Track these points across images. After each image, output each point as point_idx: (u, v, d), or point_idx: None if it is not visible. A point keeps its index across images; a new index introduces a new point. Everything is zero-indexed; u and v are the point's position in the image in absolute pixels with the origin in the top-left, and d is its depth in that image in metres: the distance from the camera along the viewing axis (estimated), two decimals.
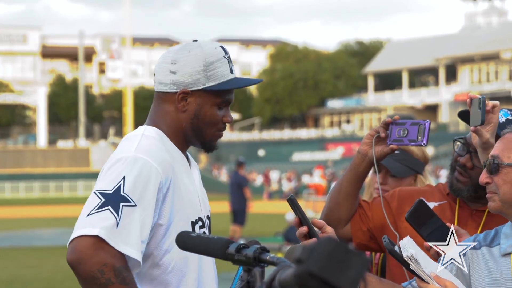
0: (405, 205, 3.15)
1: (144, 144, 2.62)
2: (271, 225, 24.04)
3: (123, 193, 2.50)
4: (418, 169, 3.72)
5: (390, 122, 2.96)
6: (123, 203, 2.49)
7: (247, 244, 1.94)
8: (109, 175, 2.55)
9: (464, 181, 3.03)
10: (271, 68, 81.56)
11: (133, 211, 2.49)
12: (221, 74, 2.68)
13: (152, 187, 2.54)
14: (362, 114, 76.61)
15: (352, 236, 3.19)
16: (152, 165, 2.55)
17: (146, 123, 2.74)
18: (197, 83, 2.67)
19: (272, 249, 15.58)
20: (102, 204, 2.48)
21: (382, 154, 3.00)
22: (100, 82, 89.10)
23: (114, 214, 2.46)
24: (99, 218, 2.45)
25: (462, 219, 3.09)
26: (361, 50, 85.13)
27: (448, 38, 74.62)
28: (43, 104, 74.45)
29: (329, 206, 3.16)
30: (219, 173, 57.76)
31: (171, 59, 2.69)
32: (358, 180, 3.08)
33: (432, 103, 72.23)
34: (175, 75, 2.68)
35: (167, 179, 2.58)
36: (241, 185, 18.71)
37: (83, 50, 79.89)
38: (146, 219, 2.52)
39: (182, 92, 2.68)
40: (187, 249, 2.08)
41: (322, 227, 2.61)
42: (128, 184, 2.51)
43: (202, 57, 2.67)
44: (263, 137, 73.85)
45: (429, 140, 2.88)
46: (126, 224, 2.47)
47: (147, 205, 2.52)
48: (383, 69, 77.32)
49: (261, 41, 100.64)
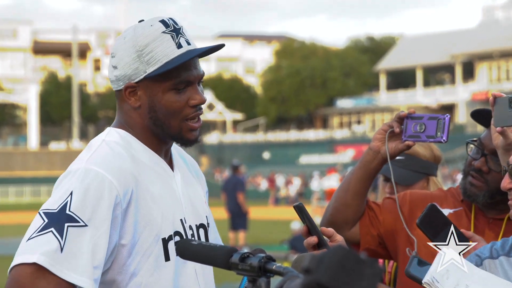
0: (417, 209, 3.10)
1: (100, 152, 2.41)
2: (277, 232, 24.02)
3: (69, 212, 2.27)
4: (429, 171, 3.66)
5: (405, 116, 2.87)
6: (69, 224, 2.26)
7: (251, 252, 1.93)
8: (57, 192, 2.34)
9: (479, 186, 2.99)
10: (277, 65, 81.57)
11: (82, 232, 2.27)
12: (162, 54, 2.43)
13: (106, 203, 2.31)
14: (373, 115, 76.56)
15: (361, 241, 3.13)
16: (106, 177, 2.33)
17: (112, 125, 2.55)
18: (138, 72, 2.44)
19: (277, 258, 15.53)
20: (44, 226, 2.26)
21: (397, 151, 2.91)
22: (95, 80, 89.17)
23: (57, 237, 2.24)
24: (40, 243, 2.24)
25: (479, 228, 3.05)
26: (372, 46, 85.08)
27: (465, 33, 74.56)
28: (34, 103, 74.49)
29: (335, 206, 3.08)
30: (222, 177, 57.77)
31: (112, 52, 2.51)
32: (369, 178, 3.01)
33: (448, 102, 72.17)
34: (117, 69, 2.48)
35: (126, 192, 2.35)
36: (235, 189, 18.74)
37: (77, 46, 79.93)
38: (99, 240, 2.29)
39: (126, 87, 2.47)
40: (188, 258, 2.07)
41: (331, 236, 2.53)
42: (76, 201, 2.29)
43: (133, 42, 2.45)
44: (268, 139, 73.82)
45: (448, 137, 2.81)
46: (72, 248, 2.25)
47: (101, 224, 2.30)
48: (395, 67, 77.27)
49: (266, 36, 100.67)
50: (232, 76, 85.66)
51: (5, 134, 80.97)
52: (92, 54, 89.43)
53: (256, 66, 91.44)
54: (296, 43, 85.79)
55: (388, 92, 77.42)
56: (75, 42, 79.47)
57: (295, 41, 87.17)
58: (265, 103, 79.26)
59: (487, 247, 2.55)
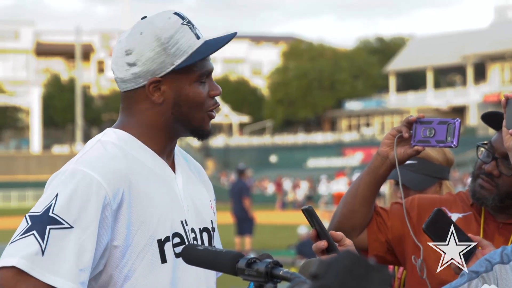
0: (425, 214, 3.10)
1: (92, 153, 2.40)
2: (284, 237, 24.02)
3: (52, 214, 2.27)
4: (442, 175, 3.65)
5: (414, 121, 2.87)
6: (51, 226, 2.26)
7: (258, 258, 1.93)
8: (44, 194, 2.35)
9: (490, 189, 2.99)
10: (284, 66, 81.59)
11: (67, 235, 2.27)
12: (187, 45, 2.44)
13: (93, 204, 2.30)
14: (383, 117, 76.50)
15: (369, 247, 3.14)
16: (93, 178, 2.32)
17: (113, 126, 2.52)
18: (164, 66, 2.42)
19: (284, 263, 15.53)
20: (27, 229, 2.27)
21: (406, 156, 2.91)
22: (99, 82, 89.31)
23: (38, 240, 2.24)
24: (21, 245, 2.25)
25: (488, 233, 3.05)
26: (381, 47, 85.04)
27: (476, 33, 74.47)
28: (37, 106, 74.64)
29: (342, 212, 3.08)
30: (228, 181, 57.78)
31: (124, 49, 2.45)
32: (377, 184, 3.02)
33: (459, 104, 72.08)
34: (136, 66, 2.43)
35: (116, 193, 2.34)
36: (241, 193, 18.81)
37: (80, 48, 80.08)
38: (86, 242, 2.28)
39: (151, 82, 2.44)
40: (193, 263, 2.07)
41: (340, 240, 2.52)
42: (61, 202, 2.29)
43: (156, 36, 2.42)
44: (275, 142, 73.81)
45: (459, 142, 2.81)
46: (55, 250, 2.25)
47: (87, 225, 2.29)
48: (405, 68, 77.21)
49: (273, 37, 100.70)
50: (238, 78, 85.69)
51: (7, 137, 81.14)
52: (95, 56, 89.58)
53: (263, 67, 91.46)
54: (304, 44, 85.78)
55: (398, 94, 77.36)
56: (79, 44, 79.62)
57: (302, 42, 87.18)
58: (272, 105, 79.27)
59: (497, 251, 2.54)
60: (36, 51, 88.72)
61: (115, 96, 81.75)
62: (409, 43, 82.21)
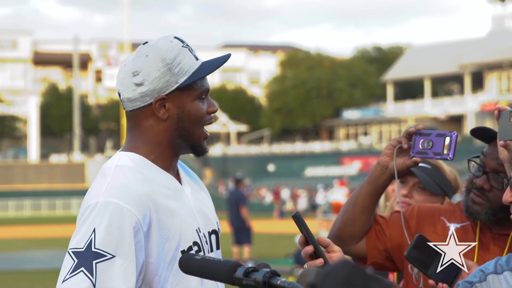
0: (424, 224, 3.14)
1: (115, 181, 2.58)
2: (282, 246, 24.01)
3: (95, 249, 2.47)
4: (448, 191, 3.67)
5: (414, 132, 2.92)
6: (97, 260, 2.46)
7: (256, 267, 1.94)
8: (80, 228, 2.53)
9: (482, 203, 3.00)
10: (282, 75, 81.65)
11: (111, 264, 2.48)
12: (188, 65, 2.66)
13: (128, 232, 2.51)
14: (380, 126, 76.55)
15: (367, 255, 3.17)
16: (124, 208, 2.52)
17: (121, 149, 2.71)
18: (169, 84, 2.64)
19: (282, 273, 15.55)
20: (75, 266, 2.46)
21: (405, 166, 2.97)
22: (97, 91, 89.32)
23: (88, 276, 2.45)
24: (73, 283, 2.44)
25: (484, 243, 3.07)
26: (379, 57, 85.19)
27: (474, 42, 74.60)
28: (34, 115, 74.64)
29: (342, 220, 3.14)
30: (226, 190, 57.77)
31: (131, 71, 2.65)
32: (377, 193, 3.07)
33: (456, 113, 72.15)
34: (143, 86, 2.64)
35: (145, 216, 2.55)
36: (239, 203, 18.82)
37: (78, 57, 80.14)
38: (128, 267, 2.50)
39: (157, 100, 2.64)
40: (191, 273, 2.08)
41: (328, 246, 2.59)
42: (100, 236, 2.48)
43: (161, 57, 2.64)
44: (273, 151, 73.85)
45: (455, 154, 2.85)
46: (104, 282, 2.46)
47: (127, 252, 2.50)
48: (403, 77, 77.32)
49: (270, 46, 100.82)
50: (236, 87, 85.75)
51: (5, 146, 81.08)
52: (93, 65, 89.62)
53: (261, 76, 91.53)
54: (302, 53, 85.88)
55: (396, 103, 77.43)
56: (76, 53, 79.68)
57: (300, 51, 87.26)
58: (270, 114, 79.31)
59: (491, 262, 2.55)
60: (34, 60, 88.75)
61: (113, 105, 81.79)
62: (406, 52, 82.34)
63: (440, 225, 3.14)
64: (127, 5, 73.74)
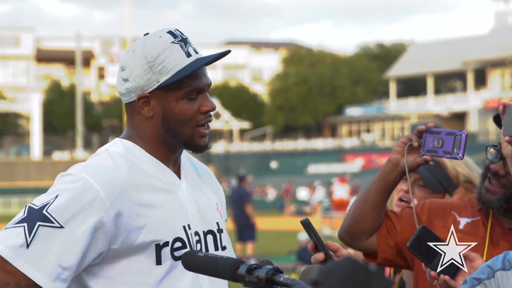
0: (435, 218, 3.16)
1: (97, 162, 2.56)
2: (284, 243, 24.02)
3: (45, 212, 2.43)
4: (449, 188, 3.69)
5: (424, 130, 2.95)
6: (41, 223, 2.42)
7: (258, 264, 1.94)
8: (50, 190, 2.51)
9: (495, 191, 3.03)
10: (284, 72, 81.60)
11: (54, 233, 2.42)
12: (173, 64, 2.57)
13: (87, 211, 2.45)
14: (383, 123, 76.51)
15: (378, 251, 3.18)
16: (93, 187, 2.47)
17: (120, 136, 2.68)
18: (150, 83, 2.57)
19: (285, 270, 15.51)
20: (21, 220, 2.44)
21: (415, 164, 3.00)
22: (99, 89, 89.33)
23: (26, 233, 2.41)
24: (10, 234, 2.42)
25: (494, 239, 3.09)
26: (381, 53, 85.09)
27: (476, 39, 74.51)
28: (37, 112, 74.64)
29: (353, 216, 3.16)
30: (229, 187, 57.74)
31: (121, 65, 2.63)
32: (387, 190, 3.10)
33: (459, 110, 72.09)
34: (128, 82, 2.60)
35: (115, 200, 2.49)
36: (243, 200, 18.83)
37: (80, 54, 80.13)
38: (73, 244, 2.43)
39: (140, 98, 2.59)
40: (193, 270, 2.08)
41: (337, 251, 2.62)
42: (58, 203, 2.44)
43: (144, 54, 2.58)
44: (276, 148, 73.82)
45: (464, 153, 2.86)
46: (39, 247, 2.41)
47: (77, 228, 2.44)
48: (406, 74, 77.24)
49: (273, 43, 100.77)
50: (238, 84, 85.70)
51: (7, 143, 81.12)
52: (96, 62, 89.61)
53: (263, 73, 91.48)
54: (304, 50, 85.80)
55: (398, 100, 77.37)
56: (79, 50, 79.66)
57: (302, 48, 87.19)
58: (273, 111, 79.26)
59: (499, 257, 2.52)
60: (36, 57, 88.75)
61: (116, 102, 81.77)
62: (409, 49, 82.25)
63: (451, 220, 3.16)
64: (128, 2, 73.69)
